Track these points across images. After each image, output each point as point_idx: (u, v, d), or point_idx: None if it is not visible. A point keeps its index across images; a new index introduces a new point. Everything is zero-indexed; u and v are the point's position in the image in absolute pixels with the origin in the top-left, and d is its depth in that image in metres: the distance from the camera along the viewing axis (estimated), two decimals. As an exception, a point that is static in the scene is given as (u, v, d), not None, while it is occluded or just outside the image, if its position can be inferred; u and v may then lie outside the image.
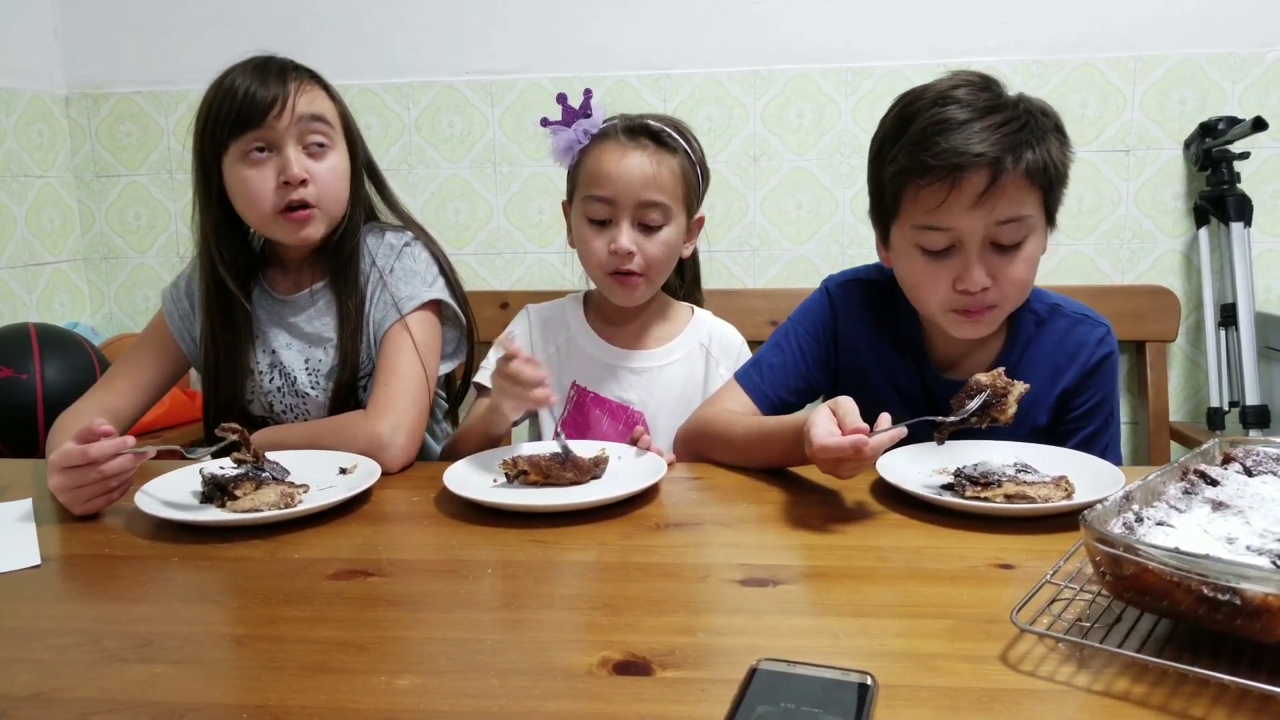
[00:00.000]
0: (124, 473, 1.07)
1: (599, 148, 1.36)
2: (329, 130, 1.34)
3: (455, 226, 2.43)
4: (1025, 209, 1.11)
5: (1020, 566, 0.86)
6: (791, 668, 0.63)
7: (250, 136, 1.28)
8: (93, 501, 1.06)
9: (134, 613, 0.83)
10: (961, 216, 1.11)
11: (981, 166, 1.08)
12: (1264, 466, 0.90)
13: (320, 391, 1.39)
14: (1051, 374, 1.26)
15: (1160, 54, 2.18)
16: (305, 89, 1.32)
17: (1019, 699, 0.64)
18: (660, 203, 1.33)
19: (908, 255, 1.18)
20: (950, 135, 1.08)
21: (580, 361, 1.44)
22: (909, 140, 1.12)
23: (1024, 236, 1.13)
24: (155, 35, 2.44)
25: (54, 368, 1.93)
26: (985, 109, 1.10)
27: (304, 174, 1.30)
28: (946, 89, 1.13)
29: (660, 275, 1.38)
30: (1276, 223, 2.21)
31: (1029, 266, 1.15)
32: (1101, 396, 1.27)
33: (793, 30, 2.27)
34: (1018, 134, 1.09)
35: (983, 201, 1.09)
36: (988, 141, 1.07)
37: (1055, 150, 1.12)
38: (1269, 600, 0.60)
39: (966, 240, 1.12)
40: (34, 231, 2.39)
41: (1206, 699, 0.62)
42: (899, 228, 1.18)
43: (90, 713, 0.65)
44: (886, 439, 1.00)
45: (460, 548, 0.96)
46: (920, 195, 1.12)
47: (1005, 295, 1.16)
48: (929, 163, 1.09)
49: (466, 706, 0.65)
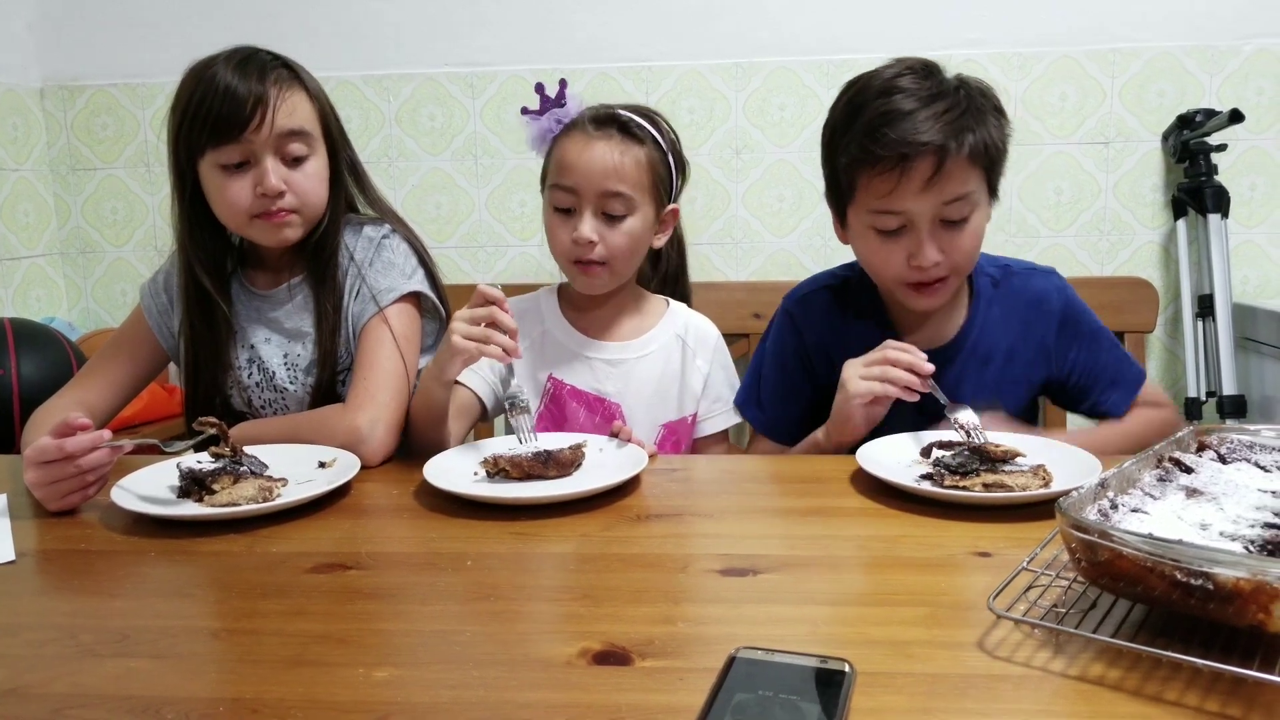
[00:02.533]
0: (101, 467, 1.05)
1: (567, 137, 1.36)
2: (308, 140, 1.31)
3: (436, 220, 2.42)
4: (969, 186, 1.18)
5: (998, 554, 0.87)
6: (770, 656, 0.64)
7: (228, 150, 1.26)
8: (69, 497, 1.05)
9: (110, 607, 0.82)
10: (911, 200, 1.17)
11: (928, 154, 1.14)
12: (1237, 454, 0.91)
13: (299, 386, 1.38)
14: (1023, 326, 1.33)
15: (1139, 47, 2.20)
16: (285, 96, 1.28)
17: (996, 684, 0.64)
18: (623, 193, 1.33)
19: (864, 236, 1.26)
20: (897, 125, 1.14)
21: (556, 354, 1.43)
22: (859, 131, 1.18)
23: (970, 212, 1.20)
24: (131, 28, 2.42)
25: (30, 363, 1.91)
26: (929, 97, 1.16)
27: (281, 186, 1.28)
28: (892, 77, 1.19)
29: (625, 265, 1.38)
30: (1253, 214, 2.24)
31: (975, 238, 1.23)
32: (1090, 330, 1.34)
33: (774, 23, 2.27)
34: (960, 119, 1.15)
35: (931, 185, 1.16)
36: (933, 129, 1.14)
37: (995, 130, 1.19)
38: (1241, 585, 0.61)
39: (917, 221, 1.19)
40: (9, 225, 2.36)
41: (1180, 683, 0.63)
42: (854, 211, 1.26)
43: (66, 707, 0.65)
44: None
45: (440, 540, 0.96)
46: (872, 182, 1.19)
47: (955, 265, 1.23)
48: (879, 153, 1.15)
49: (445, 698, 0.65)
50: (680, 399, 1.44)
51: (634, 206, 1.34)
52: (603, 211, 1.33)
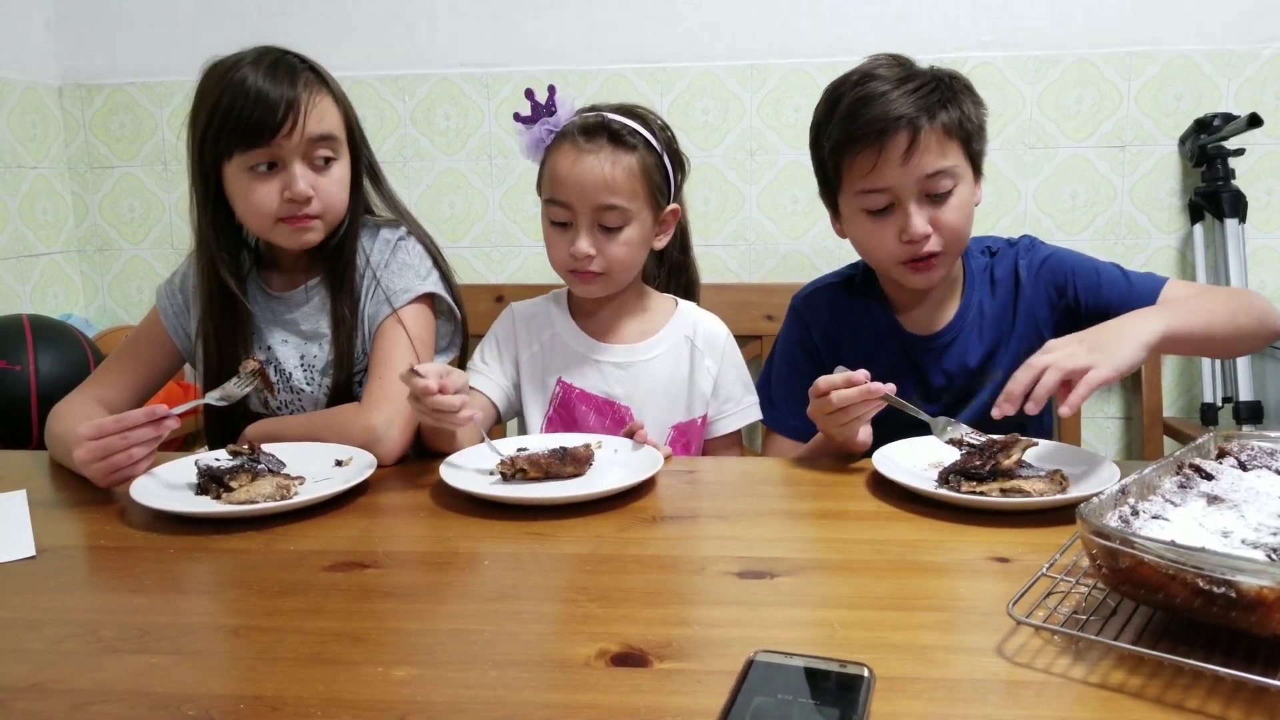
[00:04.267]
0: (154, 440, 1.10)
1: (557, 150, 1.35)
2: (335, 145, 1.31)
3: (450, 219, 2.42)
4: (948, 160, 1.24)
5: (1016, 560, 0.86)
6: (789, 659, 0.64)
7: (257, 153, 1.26)
8: (120, 472, 1.09)
9: (130, 603, 0.83)
10: (892, 174, 1.23)
11: (902, 127, 1.21)
12: (1258, 461, 0.90)
13: (315, 387, 1.38)
14: (1005, 304, 1.37)
15: (1156, 50, 2.19)
16: (316, 101, 1.27)
17: (1015, 690, 0.64)
18: (617, 205, 1.31)
19: (855, 220, 1.30)
20: (873, 105, 1.22)
21: (565, 357, 1.43)
22: (840, 117, 1.26)
23: (953, 185, 1.25)
24: (149, 26, 2.43)
25: (48, 359, 1.92)
26: (900, 79, 1.24)
27: (309, 191, 1.28)
28: (867, 69, 1.27)
29: (624, 272, 1.38)
30: (1271, 219, 2.22)
31: (962, 213, 1.27)
32: (1091, 269, 1.35)
33: (789, 25, 2.27)
34: (929, 95, 1.23)
35: (908, 158, 1.22)
36: (905, 104, 1.21)
37: (968, 107, 1.27)
38: (1264, 593, 0.61)
39: (902, 195, 1.24)
40: (27, 223, 2.38)
41: (1201, 691, 0.63)
42: (844, 197, 1.31)
43: (87, 703, 0.65)
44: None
45: (456, 540, 0.96)
46: (855, 162, 1.25)
47: (946, 241, 1.26)
48: (859, 132, 1.23)
49: (463, 697, 0.65)
50: (690, 401, 1.44)
51: (629, 217, 1.33)
52: (599, 224, 1.33)
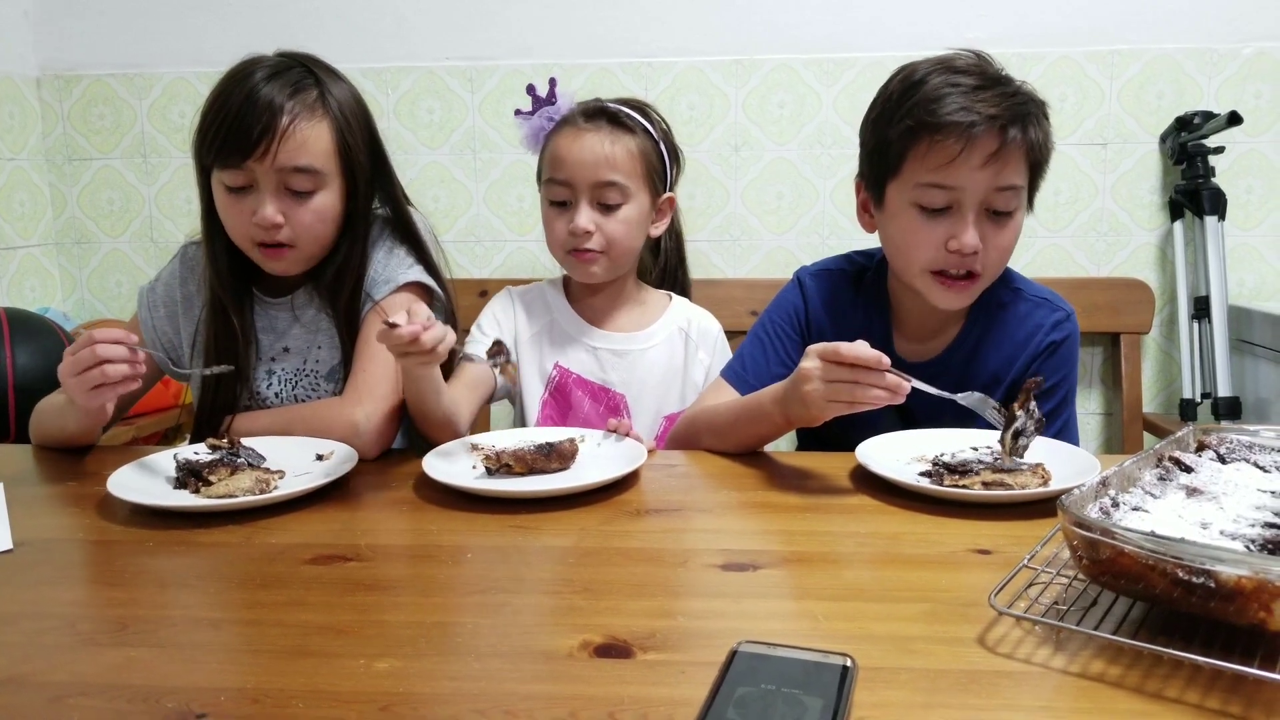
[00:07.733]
0: (120, 361, 1.10)
1: (558, 133, 1.38)
2: (316, 177, 1.26)
3: (434, 214, 2.40)
4: (1020, 179, 1.17)
5: (998, 552, 0.87)
6: (772, 650, 0.64)
7: (232, 173, 1.23)
8: (98, 389, 1.11)
9: (109, 597, 0.82)
10: (968, 175, 1.14)
11: (994, 129, 1.13)
12: (1237, 454, 0.91)
13: (321, 394, 1.36)
14: (1009, 357, 1.29)
15: (1138, 48, 2.20)
16: (300, 127, 1.22)
17: (997, 680, 0.64)
18: (617, 182, 1.34)
19: (903, 214, 1.21)
20: (964, 96, 1.13)
21: (563, 343, 1.44)
22: (923, 98, 1.15)
23: (1016, 206, 1.19)
24: (129, 17, 2.40)
25: (25, 352, 1.90)
26: (992, 79, 1.16)
27: (277, 219, 1.24)
28: (948, 58, 1.19)
29: (622, 254, 1.39)
30: (1250, 217, 2.24)
31: (1014, 237, 1.20)
32: (1056, 380, 1.28)
33: (774, 20, 2.27)
34: (1022, 106, 1.15)
35: (990, 163, 1.13)
36: (1000, 106, 1.13)
37: (1047, 132, 1.19)
38: (1242, 582, 0.61)
39: (966, 200, 1.16)
40: (4, 215, 2.35)
41: (1180, 680, 0.63)
42: (898, 185, 1.20)
43: (65, 695, 0.64)
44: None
45: (439, 533, 0.96)
46: (931, 152, 1.15)
47: (989, 263, 1.20)
48: (946, 119, 1.13)
49: (446, 689, 0.65)
50: (683, 391, 1.45)
51: (628, 194, 1.35)
52: (598, 201, 1.35)
